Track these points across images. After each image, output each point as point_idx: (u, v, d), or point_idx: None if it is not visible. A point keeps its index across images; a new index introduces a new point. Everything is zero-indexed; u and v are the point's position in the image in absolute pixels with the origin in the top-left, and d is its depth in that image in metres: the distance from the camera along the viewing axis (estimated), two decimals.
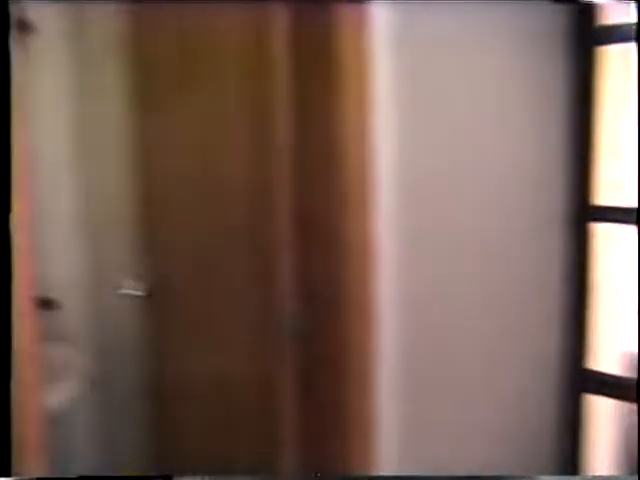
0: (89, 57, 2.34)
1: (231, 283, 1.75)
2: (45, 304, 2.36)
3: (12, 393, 1.05)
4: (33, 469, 1.14)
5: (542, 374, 1.66)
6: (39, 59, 2.29)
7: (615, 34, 1.72)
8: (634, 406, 1.66)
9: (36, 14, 2.20)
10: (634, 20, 1.55)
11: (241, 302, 1.72)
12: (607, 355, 1.90)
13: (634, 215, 1.69)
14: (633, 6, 1.53)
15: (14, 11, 2.14)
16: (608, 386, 1.85)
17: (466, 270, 1.52)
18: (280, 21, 1.49)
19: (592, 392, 1.89)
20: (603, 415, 1.88)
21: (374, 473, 1.51)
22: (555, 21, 1.61)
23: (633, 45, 1.59)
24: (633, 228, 1.70)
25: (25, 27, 2.21)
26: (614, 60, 1.72)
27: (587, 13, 1.70)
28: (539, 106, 1.56)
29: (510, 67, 1.49)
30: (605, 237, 1.83)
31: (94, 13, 2.23)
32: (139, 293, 1.99)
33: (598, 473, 1.76)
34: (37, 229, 2.26)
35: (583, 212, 1.82)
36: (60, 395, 2.13)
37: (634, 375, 1.78)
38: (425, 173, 1.51)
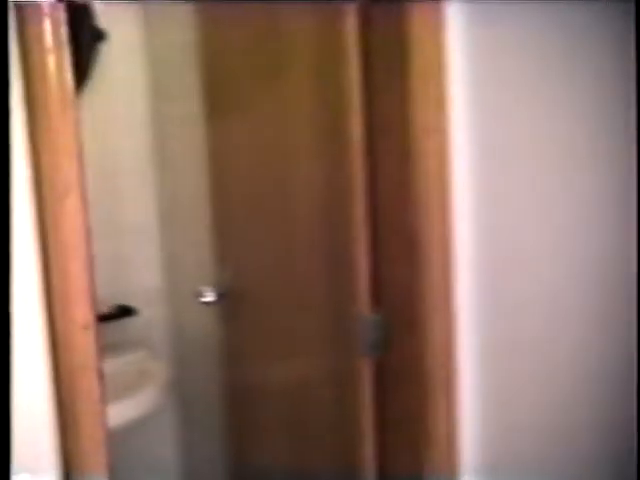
0: (162, 61, 2.33)
1: (306, 289, 1.71)
2: (123, 311, 2.38)
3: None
4: None
5: None
6: (113, 65, 2.31)
7: None
8: None
9: (108, 20, 2.22)
10: None
11: (316, 309, 1.69)
12: None
13: None
14: None
15: (88, 18, 2.22)
16: None
17: (546, 276, 1.42)
18: (351, 19, 1.43)
19: None
20: None
21: None
22: None
23: None
24: None
25: (98, 34, 2.24)
26: None
27: None
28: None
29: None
30: None
31: (166, 17, 2.22)
32: (215, 300, 1.97)
33: None
34: (115, 237, 2.39)
35: None
36: (139, 404, 2.14)
37: None
38: (504, 167, 1.42)
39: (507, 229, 1.44)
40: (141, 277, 2.47)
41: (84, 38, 2.23)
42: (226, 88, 1.87)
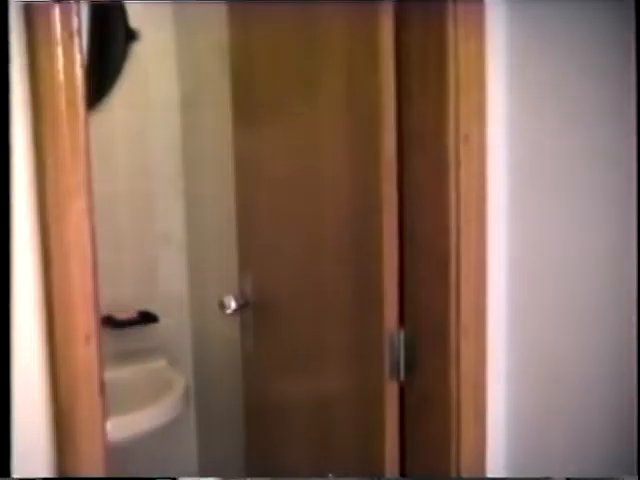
0: (193, 63, 2.29)
1: (331, 304, 1.65)
2: (146, 318, 2.34)
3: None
4: None
5: None
6: (146, 65, 2.28)
7: None
8: None
9: (141, 21, 2.19)
10: None
11: (341, 324, 1.63)
12: None
13: None
14: None
15: (121, 18, 2.19)
16: None
17: (582, 297, 1.35)
18: (386, 20, 1.36)
19: None
20: None
21: None
22: None
23: None
24: None
25: (130, 34, 2.20)
26: None
27: None
28: None
29: None
30: None
31: (198, 19, 2.18)
32: (237, 309, 1.91)
33: None
34: (144, 244, 2.37)
35: None
36: (158, 415, 2.10)
37: None
38: (544, 184, 1.34)
39: (545, 249, 1.36)
40: (166, 284, 2.44)
41: (117, 38, 2.21)
42: (256, 95, 1.82)
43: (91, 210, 0.99)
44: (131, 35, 2.22)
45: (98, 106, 2.25)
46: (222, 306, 1.89)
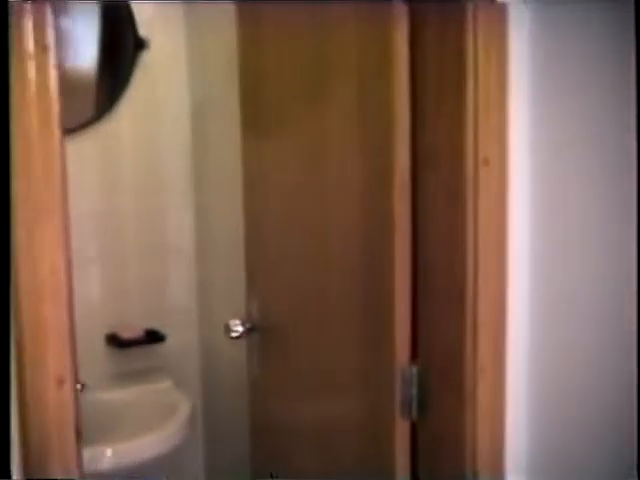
0: (204, 72, 2.22)
1: (339, 332, 1.57)
2: (152, 337, 2.26)
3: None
4: None
5: None
6: (156, 74, 2.20)
7: None
8: None
9: (151, 29, 2.11)
10: None
11: (351, 353, 1.55)
12: None
13: None
14: None
15: (130, 26, 2.12)
16: None
17: (609, 333, 1.25)
18: (401, 25, 1.26)
19: None
20: None
21: None
22: None
23: None
24: None
25: (139, 42, 2.13)
26: None
27: None
28: None
29: None
30: None
31: (209, 26, 2.10)
32: (244, 333, 1.83)
33: None
34: (152, 259, 2.29)
35: None
36: (162, 441, 2.02)
37: None
38: (568, 209, 1.23)
39: (572, 283, 1.25)
40: (174, 301, 2.35)
41: (126, 46, 2.13)
42: (265, 106, 1.75)
43: (67, 235, 0.89)
44: (140, 43, 2.15)
45: (106, 116, 2.17)
46: (228, 330, 1.82)
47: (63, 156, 0.89)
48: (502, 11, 1.14)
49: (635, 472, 1.14)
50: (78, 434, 0.93)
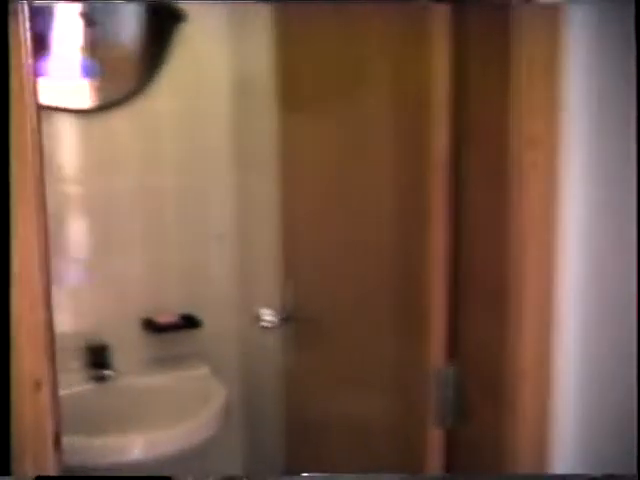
0: (244, 49, 2.11)
1: (377, 323, 1.49)
2: (188, 322, 2.19)
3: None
4: None
5: None
6: (196, 48, 2.11)
7: None
8: None
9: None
10: None
11: (387, 346, 1.46)
12: None
13: None
14: None
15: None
16: None
17: None
18: (442, 21, 1.16)
19: None
20: None
21: None
22: None
23: None
24: None
25: (177, 14, 2.04)
26: None
27: None
28: None
29: None
30: None
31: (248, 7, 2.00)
32: (278, 322, 1.76)
33: None
34: (191, 244, 2.22)
35: None
36: (196, 431, 1.97)
37: None
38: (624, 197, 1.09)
39: (628, 282, 1.11)
40: (213, 286, 2.28)
41: (163, 18, 2.04)
42: (302, 89, 1.68)
43: (43, 224, 0.80)
44: (179, 16, 2.05)
45: (147, 89, 2.09)
46: (257, 319, 1.73)
47: (40, 143, 0.79)
48: None
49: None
50: (57, 440, 0.84)
